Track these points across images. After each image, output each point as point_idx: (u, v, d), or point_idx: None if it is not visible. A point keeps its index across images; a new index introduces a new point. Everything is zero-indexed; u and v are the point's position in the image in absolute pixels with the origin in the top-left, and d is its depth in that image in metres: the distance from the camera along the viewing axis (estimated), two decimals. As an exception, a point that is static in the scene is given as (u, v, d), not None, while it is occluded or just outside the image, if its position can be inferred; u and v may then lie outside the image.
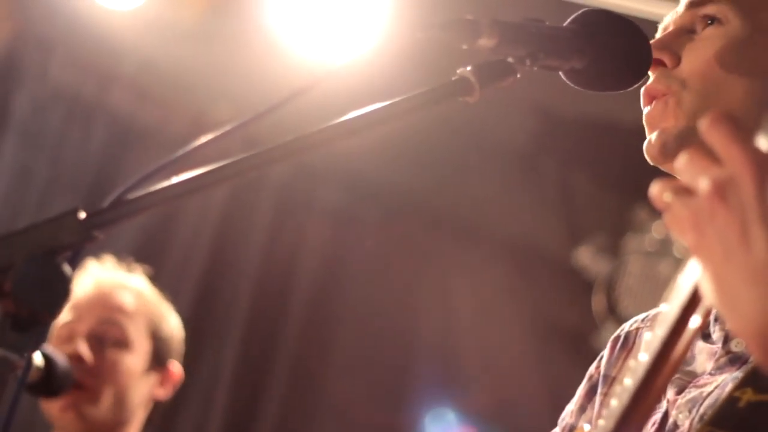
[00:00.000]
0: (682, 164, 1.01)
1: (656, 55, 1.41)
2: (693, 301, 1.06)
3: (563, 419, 1.68)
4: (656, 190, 1.04)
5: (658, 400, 1.14)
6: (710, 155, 0.99)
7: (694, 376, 1.37)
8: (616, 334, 1.65)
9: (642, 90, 1.44)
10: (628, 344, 1.61)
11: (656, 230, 4.35)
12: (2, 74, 4.25)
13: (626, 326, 1.64)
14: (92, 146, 4.33)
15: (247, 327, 4.44)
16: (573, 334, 4.79)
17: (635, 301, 4.45)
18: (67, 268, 1.04)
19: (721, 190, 0.97)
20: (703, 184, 0.98)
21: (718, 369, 1.35)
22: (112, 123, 4.38)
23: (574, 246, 4.56)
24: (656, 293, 4.37)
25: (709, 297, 1.00)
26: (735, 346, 1.36)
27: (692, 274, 1.05)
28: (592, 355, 5.07)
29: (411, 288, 4.72)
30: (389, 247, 4.73)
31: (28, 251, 1.02)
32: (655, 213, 4.40)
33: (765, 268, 0.94)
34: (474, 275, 4.77)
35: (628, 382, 1.09)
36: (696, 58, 1.43)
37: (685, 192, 1.00)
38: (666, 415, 1.36)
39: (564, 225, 4.65)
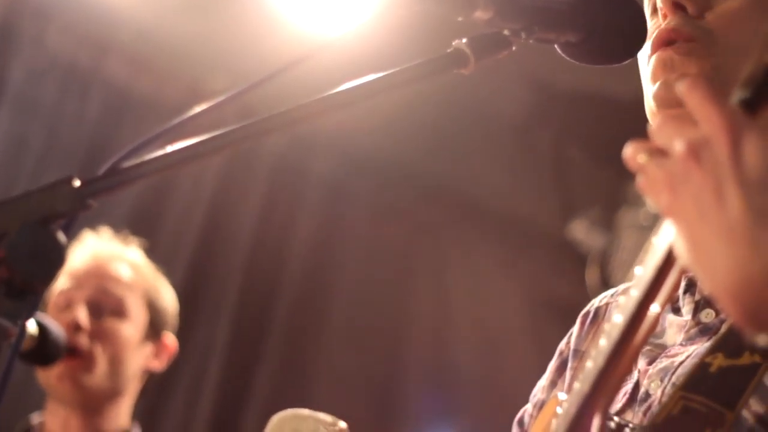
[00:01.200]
0: (657, 126, 1.02)
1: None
2: (667, 263, 1.07)
3: (535, 395, 1.69)
4: (630, 151, 1.04)
5: (634, 360, 1.14)
6: (686, 117, 1.00)
7: (664, 348, 1.38)
8: (585, 309, 1.65)
9: (656, 32, 1.38)
10: (597, 319, 1.61)
11: (650, 204, 4.35)
12: (-2, 43, 4.24)
13: (596, 302, 1.64)
14: (88, 115, 4.33)
15: (240, 299, 4.45)
16: (567, 307, 4.79)
17: (629, 275, 4.46)
18: (61, 236, 1.03)
19: (696, 152, 0.98)
20: (678, 146, 0.99)
21: (689, 340, 1.36)
22: (107, 92, 4.37)
23: (568, 220, 4.57)
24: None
25: (683, 258, 1.01)
26: (705, 317, 1.37)
27: (666, 237, 1.06)
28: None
29: (405, 260, 4.73)
30: (383, 219, 4.73)
31: (22, 219, 1.02)
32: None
33: (739, 228, 0.95)
34: (468, 248, 4.78)
35: (603, 343, 1.10)
36: (725, 11, 1.37)
37: (659, 153, 1.01)
38: (637, 385, 1.37)
39: (558, 199, 4.66)
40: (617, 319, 1.11)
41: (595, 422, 1.11)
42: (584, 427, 1.12)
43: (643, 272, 1.09)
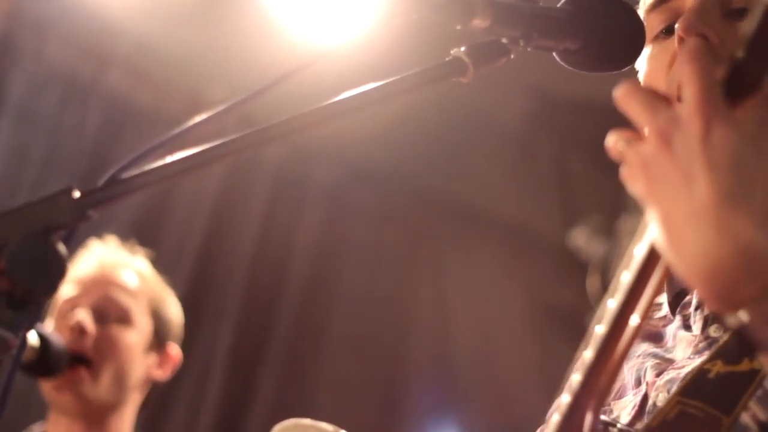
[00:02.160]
0: (633, 108, 1.03)
1: (697, 27, 1.31)
2: (647, 269, 1.07)
3: (551, 412, 1.69)
4: (611, 140, 1.05)
5: (620, 364, 1.15)
6: (660, 98, 1.01)
7: (672, 362, 1.39)
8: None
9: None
10: None
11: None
12: (-2, 55, 4.24)
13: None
14: (88, 127, 4.33)
15: (243, 307, 4.45)
16: (568, 314, 4.80)
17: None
18: (62, 246, 1.03)
19: (667, 135, 0.98)
20: (650, 130, 0.99)
21: (697, 353, 1.36)
22: (107, 104, 4.38)
23: (569, 227, 4.57)
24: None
25: (658, 242, 1.01)
26: (713, 332, 1.38)
27: (646, 244, 1.07)
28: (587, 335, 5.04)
29: (406, 268, 4.74)
30: (384, 227, 4.74)
31: (22, 230, 1.02)
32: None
33: (707, 210, 0.96)
34: (469, 256, 4.78)
35: (598, 335, 1.11)
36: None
37: (636, 139, 1.02)
38: (645, 397, 1.37)
39: (559, 206, 4.66)
40: (599, 329, 1.11)
41: (587, 420, 1.12)
42: (577, 425, 1.13)
43: (623, 279, 1.10)
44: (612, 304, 1.11)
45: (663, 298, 1.48)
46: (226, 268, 4.49)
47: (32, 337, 2.27)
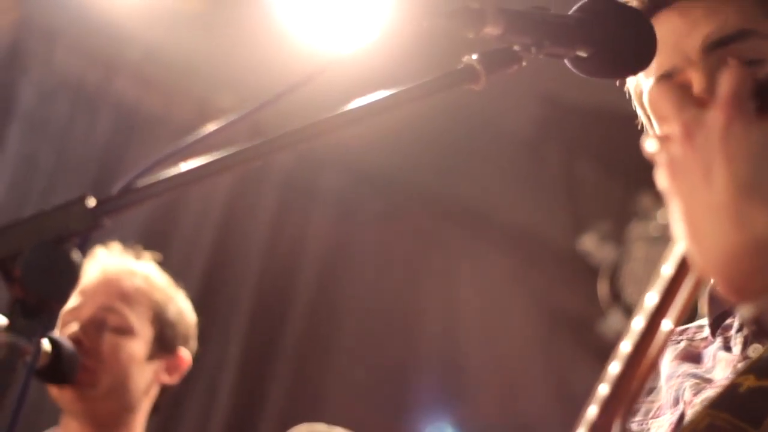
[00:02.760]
0: (663, 103, 1.04)
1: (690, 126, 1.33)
2: (680, 275, 1.08)
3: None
4: (646, 143, 1.06)
5: (650, 371, 1.15)
6: (690, 96, 1.02)
7: (712, 381, 1.39)
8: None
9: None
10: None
11: (661, 217, 4.35)
12: (7, 63, 4.26)
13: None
14: (97, 134, 4.35)
15: (252, 314, 4.45)
16: (578, 320, 4.80)
17: (640, 288, 4.45)
18: (75, 254, 1.04)
19: (691, 129, 1.00)
20: (676, 124, 1.01)
21: (735, 373, 1.36)
22: (117, 111, 4.39)
23: (578, 233, 4.57)
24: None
25: (679, 235, 1.02)
26: (752, 352, 1.38)
27: (678, 249, 1.08)
28: (597, 341, 5.09)
29: (415, 275, 4.74)
30: (393, 234, 4.74)
31: (37, 238, 1.03)
32: (660, 200, 4.41)
33: (724, 203, 0.97)
34: (479, 263, 4.78)
35: (624, 346, 1.12)
36: None
37: (666, 140, 1.03)
38: (682, 416, 1.37)
39: (569, 212, 4.66)
40: (633, 328, 1.12)
41: (615, 429, 1.13)
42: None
43: (655, 285, 1.11)
44: (638, 322, 1.11)
45: (704, 321, 1.48)
46: (235, 275, 4.49)
47: (45, 344, 2.28)
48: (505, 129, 4.46)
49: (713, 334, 1.46)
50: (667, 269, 1.10)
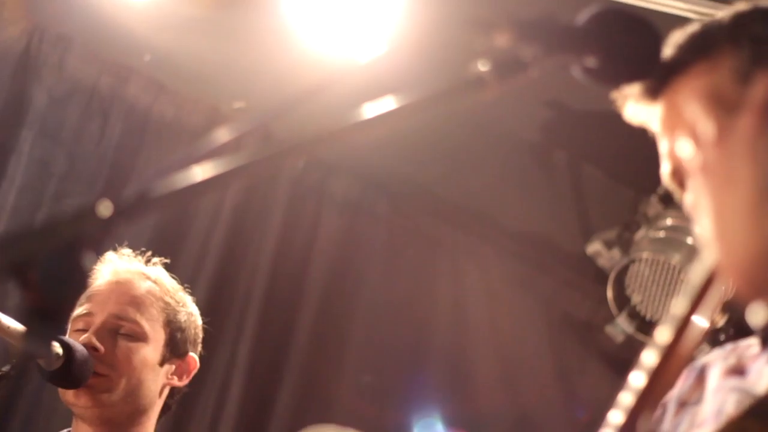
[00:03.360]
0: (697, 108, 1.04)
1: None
2: (713, 276, 1.09)
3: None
4: (683, 151, 1.07)
5: (678, 372, 1.16)
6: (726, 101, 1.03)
7: (753, 392, 1.38)
8: (694, 363, 1.64)
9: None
10: (702, 374, 1.61)
11: (669, 222, 4.35)
12: (20, 68, 4.28)
13: (705, 357, 1.64)
14: (109, 139, 4.36)
15: (262, 317, 4.46)
16: (585, 326, 4.80)
17: (648, 293, 4.45)
18: (87, 260, 1.05)
19: (723, 134, 1.01)
20: (710, 128, 1.02)
21: None
22: (128, 116, 4.41)
23: (586, 237, 4.56)
24: (669, 285, 4.37)
25: (704, 236, 1.03)
26: None
27: (700, 272, 1.09)
28: (605, 345, 5.06)
29: (423, 279, 4.74)
30: (401, 238, 4.75)
31: (50, 244, 1.04)
32: (668, 204, 4.41)
33: (748, 206, 0.99)
34: (486, 267, 4.78)
35: (649, 356, 1.12)
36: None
37: (699, 145, 1.04)
38: None
39: (576, 217, 4.66)
40: (663, 331, 1.13)
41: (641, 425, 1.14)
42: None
43: (689, 284, 1.12)
44: (679, 305, 1.12)
45: (755, 339, 1.48)
46: (245, 277, 4.51)
47: (57, 348, 2.29)
48: (512, 134, 4.46)
49: (763, 347, 1.45)
50: (695, 278, 1.11)
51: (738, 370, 1.45)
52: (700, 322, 1.16)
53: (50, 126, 4.27)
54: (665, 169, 1.26)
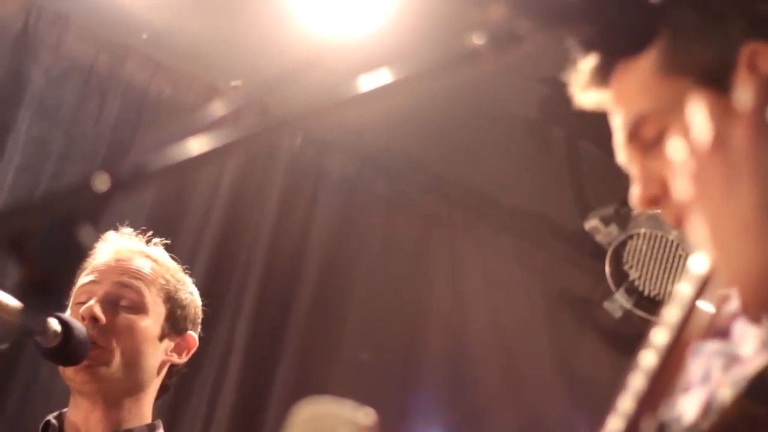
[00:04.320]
0: (696, 112, 1.03)
1: (642, 203, 1.25)
2: (706, 282, 1.08)
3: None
4: (675, 154, 1.06)
5: (684, 357, 1.16)
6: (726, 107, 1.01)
7: (740, 358, 1.38)
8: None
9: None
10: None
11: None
12: (17, 47, 4.27)
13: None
14: (106, 118, 4.36)
15: (259, 295, 4.47)
16: (583, 302, 4.82)
17: (645, 269, 4.46)
18: (85, 234, 1.05)
19: (719, 141, 0.99)
20: (708, 132, 1.00)
21: (764, 347, 1.36)
22: (125, 95, 4.40)
23: (583, 213, 4.57)
24: (667, 260, 4.38)
25: (704, 245, 1.02)
26: None
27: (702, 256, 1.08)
28: (603, 322, 5.08)
29: (420, 256, 4.75)
30: (399, 216, 4.75)
31: (48, 218, 1.04)
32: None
33: (750, 219, 0.97)
34: (483, 244, 4.79)
35: (659, 338, 1.12)
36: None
37: (691, 149, 1.03)
38: (711, 395, 1.36)
39: (573, 193, 4.66)
40: (670, 316, 1.12)
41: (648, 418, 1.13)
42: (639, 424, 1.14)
43: (693, 270, 1.11)
44: (685, 290, 1.12)
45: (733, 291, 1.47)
46: (243, 257, 4.51)
47: (55, 325, 2.29)
48: (510, 111, 4.46)
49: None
50: (699, 264, 1.10)
51: (718, 332, 1.45)
52: (706, 306, 1.16)
53: (48, 105, 4.27)
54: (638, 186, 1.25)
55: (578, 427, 4.48)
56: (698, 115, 1.05)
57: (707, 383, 1.37)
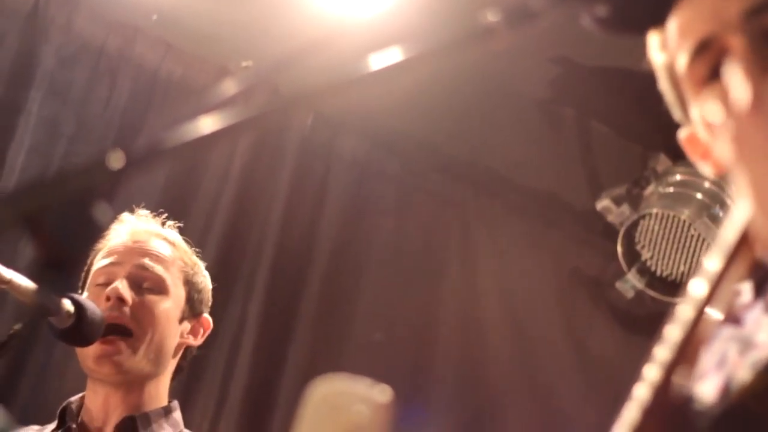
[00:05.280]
0: (737, 73, 1.02)
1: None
2: (737, 251, 1.08)
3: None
4: (712, 115, 1.05)
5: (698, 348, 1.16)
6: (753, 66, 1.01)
7: (756, 344, 1.37)
8: None
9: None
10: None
11: (678, 177, 4.35)
12: (28, 29, 4.27)
13: None
14: (117, 99, 4.36)
15: (272, 275, 4.48)
16: (595, 282, 4.81)
17: (658, 249, 4.45)
18: (99, 212, 1.05)
19: (760, 102, 0.99)
20: (748, 95, 1.00)
21: None
22: (136, 77, 4.41)
23: (595, 193, 4.57)
24: (679, 240, 4.38)
25: (747, 206, 1.02)
26: None
27: (734, 225, 1.08)
28: (615, 302, 5.08)
29: (432, 237, 4.75)
30: (410, 196, 4.75)
31: (62, 196, 1.04)
32: (677, 160, 4.40)
33: None
34: (495, 224, 4.79)
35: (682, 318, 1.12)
36: None
37: (728, 105, 1.02)
38: (729, 378, 1.36)
39: (585, 173, 4.65)
40: (685, 310, 1.12)
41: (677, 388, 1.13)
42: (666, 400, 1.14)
43: (712, 259, 1.11)
44: (698, 286, 1.11)
45: (746, 285, 1.46)
46: (255, 237, 4.52)
47: (68, 305, 2.29)
48: (521, 91, 4.46)
49: (756, 295, 1.43)
50: (729, 234, 1.10)
51: (732, 319, 1.44)
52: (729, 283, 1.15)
53: (58, 86, 4.27)
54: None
55: (590, 406, 4.48)
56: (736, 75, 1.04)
57: (723, 367, 1.37)
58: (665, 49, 1.36)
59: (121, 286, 2.52)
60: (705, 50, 1.32)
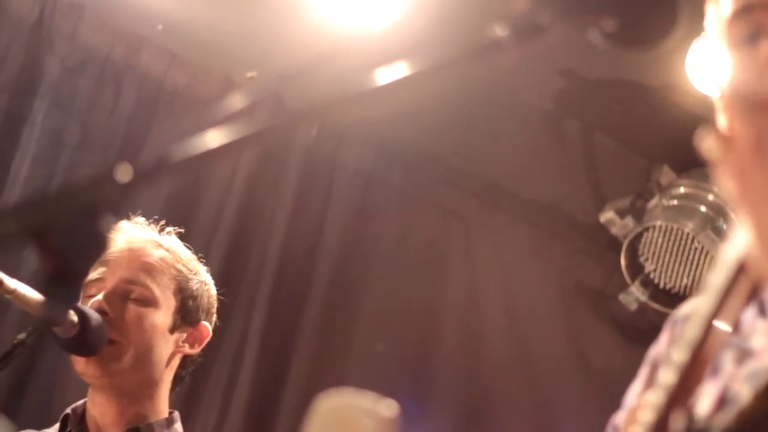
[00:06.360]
0: (735, 111, 1.03)
1: None
2: (739, 274, 1.08)
3: (628, 401, 1.66)
4: (707, 142, 1.05)
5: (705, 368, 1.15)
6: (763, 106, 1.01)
7: (752, 351, 1.36)
8: (672, 316, 1.63)
9: None
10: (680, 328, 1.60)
11: (682, 190, 4.34)
12: (33, 38, 4.28)
13: (683, 308, 1.62)
14: (121, 109, 4.37)
15: (275, 286, 4.48)
16: (598, 294, 4.81)
17: (661, 261, 4.45)
18: (104, 225, 1.05)
19: (762, 143, 0.99)
20: (750, 135, 1.00)
21: None
22: (141, 86, 4.41)
23: (599, 205, 4.56)
24: (682, 253, 4.37)
25: (749, 247, 1.02)
26: None
27: (736, 247, 1.08)
28: (618, 315, 5.07)
29: (436, 248, 4.75)
30: (414, 207, 4.75)
31: (69, 210, 1.04)
32: (681, 173, 4.40)
33: None
34: (499, 236, 4.78)
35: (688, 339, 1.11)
36: None
37: (730, 142, 1.02)
38: (725, 389, 1.35)
39: (589, 186, 4.65)
40: (691, 330, 1.12)
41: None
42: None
43: (714, 282, 1.11)
44: (703, 304, 1.11)
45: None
46: (259, 247, 4.52)
47: (72, 316, 2.29)
48: (525, 103, 4.46)
49: (748, 297, 1.43)
50: (732, 252, 1.10)
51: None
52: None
53: (63, 96, 4.28)
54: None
55: (592, 418, 4.47)
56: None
57: (719, 375, 1.36)
58: None
59: (102, 300, 2.52)
60: (748, 12, 1.32)
